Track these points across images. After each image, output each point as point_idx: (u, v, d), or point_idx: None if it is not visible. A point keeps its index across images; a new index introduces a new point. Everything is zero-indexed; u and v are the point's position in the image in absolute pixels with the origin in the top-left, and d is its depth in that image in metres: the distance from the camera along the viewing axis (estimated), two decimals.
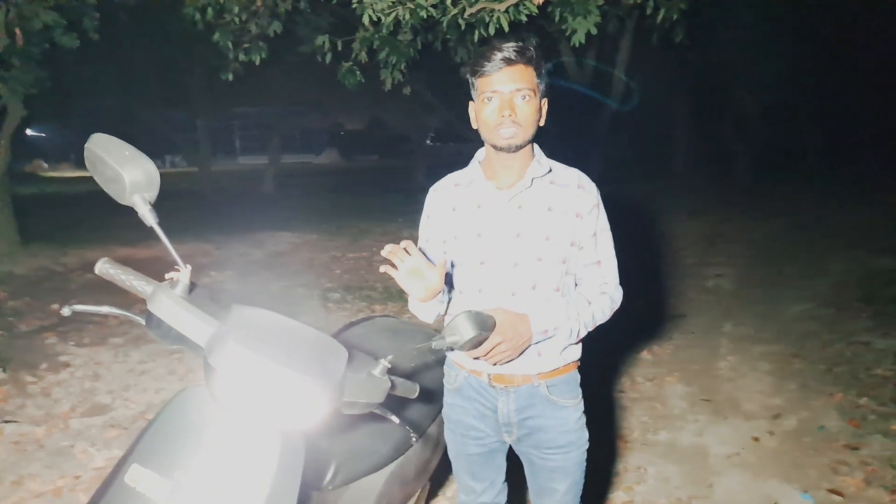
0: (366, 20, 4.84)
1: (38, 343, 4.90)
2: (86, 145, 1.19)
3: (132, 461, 1.13)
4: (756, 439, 3.35)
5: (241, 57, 6.26)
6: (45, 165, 30.28)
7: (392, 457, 1.79)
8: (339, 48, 6.84)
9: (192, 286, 1.24)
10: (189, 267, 1.23)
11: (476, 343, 1.37)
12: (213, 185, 16.63)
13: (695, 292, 6.42)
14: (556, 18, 5.40)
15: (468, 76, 1.55)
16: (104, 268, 1.29)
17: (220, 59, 6.54)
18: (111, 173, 1.17)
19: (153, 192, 1.21)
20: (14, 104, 8.03)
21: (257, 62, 6.29)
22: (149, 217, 1.21)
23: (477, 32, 4.97)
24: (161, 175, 1.25)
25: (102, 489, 1.16)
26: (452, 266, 1.67)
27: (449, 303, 1.70)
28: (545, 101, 1.57)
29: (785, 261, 7.52)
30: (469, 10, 4.70)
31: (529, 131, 1.52)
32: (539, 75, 1.52)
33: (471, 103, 1.59)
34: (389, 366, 1.25)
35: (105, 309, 1.30)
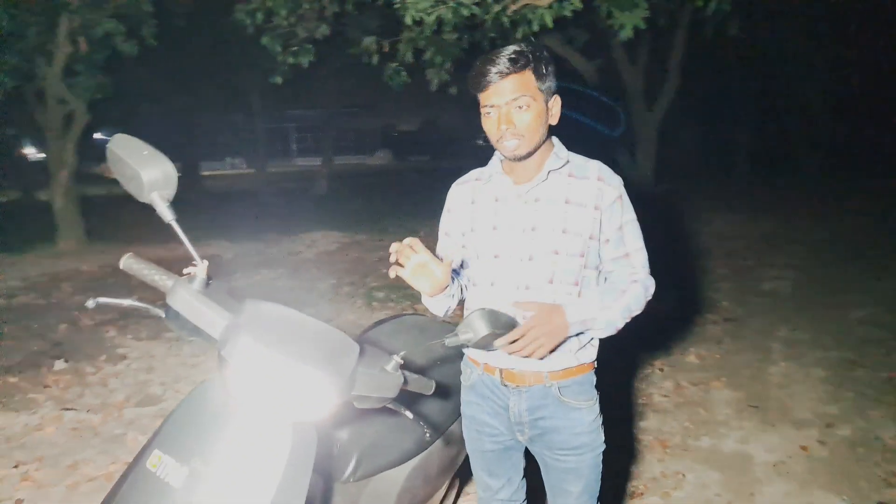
0: (408, 20, 4.88)
1: (98, 336, 5.15)
2: (108, 146, 1.24)
3: (154, 447, 1.18)
4: (805, 448, 3.21)
5: (290, 60, 6.39)
6: (112, 168, 31.77)
7: (413, 452, 1.80)
8: (386, 49, 6.93)
9: (209, 281, 1.28)
10: (206, 262, 1.27)
11: (489, 341, 1.36)
12: (269, 186, 17.09)
13: (750, 295, 6.19)
14: (603, 13, 5.34)
15: (471, 91, 1.54)
16: (129, 263, 1.35)
17: (271, 63, 6.70)
18: (130, 172, 1.22)
19: (170, 191, 1.25)
20: (79, 109, 8.45)
21: (305, 65, 6.42)
22: (166, 214, 1.26)
23: (521, 30, 4.93)
24: (220, 177, 1.30)
25: (126, 472, 1.22)
26: (462, 263, 1.68)
27: (463, 296, 1.70)
28: (555, 98, 1.54)
29: (850, 263, 7.18)
30: (512, 8, 4.68)
31: (534, 137, 1.50)
32: (540, 77, 1.49)
33: (481, 116, 1.57)
34: (402, 361, 1.27)
35: (127, 302, 1.37)
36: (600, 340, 1.66)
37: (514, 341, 1.39)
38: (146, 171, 1.21)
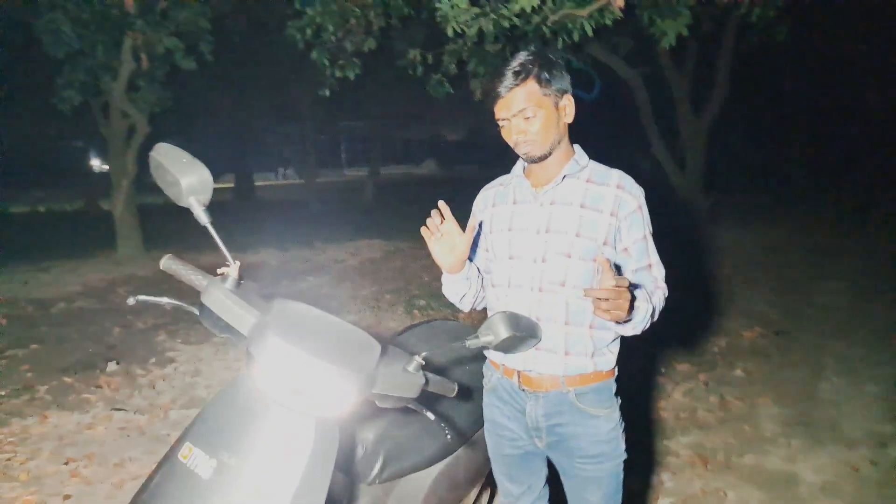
0: (450, 32, 4.93)
1: (150, 340, 5.35)
2: (150, 153, 1.32)
3: (186, 440, 1.23)
4: (856, 469, 3.08)
5: (338, 73, 6.54)
6: None
7: (439, 456, 1.82)
8: (430, 61, 7.01)
9: (240, 281, 1.35)
10: (238, 263, 1.34)
11: (510, 343, 1.36)
12: (319, 196, 17.44)
13: (803, 308, 5.98)
14: (645, 21, 5.28)
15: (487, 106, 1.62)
16: (168, 263, 1.43)
17: (320, 77, 6.87)
18: (170, 178, 1.29)
19: (207, 196, 1.32)
20: (140, 122, 8.84)
21: (352, 77, 6.55)
22: (203, 217, 1.32)
23: (561, 39, 4.92)
24: (272, 187, 1.38)
25: (160, 463, 1.28)
26: (471, 257, 1.72)
27: (479, 294, 1.75)
28: (566, 97, 1.58)
29: None
30: (552, 18, 4.67)
31: (547, 141, 1.56)
32: (543, 83, 1.53)
33: None
34: (423, 362, 1.30)
35: (164, 300, 1.44)
36: (621, 351, 1.65)
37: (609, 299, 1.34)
38: (185, 178, 1.28)
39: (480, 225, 1.73)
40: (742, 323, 5.32)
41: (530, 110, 1.52)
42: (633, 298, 1.40)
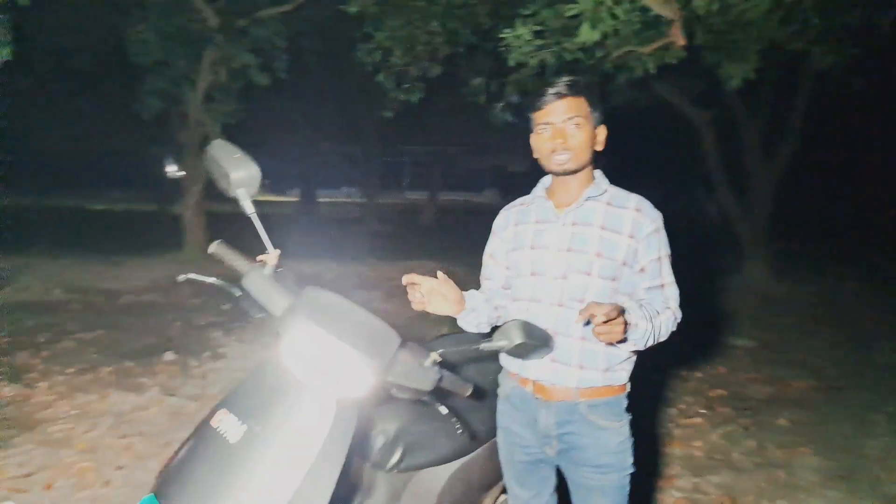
0: (511, 62, 5.08)
1: (205, 335, 5.63)
2: (206, 148, 1.49)
3: (221, 406, 1.37)
4: None
5: (402, 96, 6.79)
6: None
7: (455, 455, 1.91)
8: (493, 89, 7.19)
9: (278, 268, 1.49)
10: (278, 251, 1.48)
11: (522, 350, 1.43)
12: (378, 215, 17.85)
13: (862, 365, 5.73)
14: (712, 63, 5.30)
15: (526, 112, 1.70)
16: (217, 248, 1.58)
17: (387, 99, 7.15)
18: (222, 171, 1.45)
19: (254, 189, 1.47)
20: (214, 132, 9.34)
21: (415, 101, 6.79)
22: (248, 207, 1.47)
23: (623, 75, 5.00)
24: (335, 204, 1.53)
25: (193, 430, 1.42)
26: (506, 282, 1.82)
27: (492, 315, 1.84)
28: (602, 127, 1.69)
29: None
30: (615, 54, 4.76)
31: (583, 156, 1.65)
32: (592, 105, 1.65)
33: (531, 136, 1.71)
34: (439, 359, 1.40)
35: (211, 279, 1.60)
36: (636, 366, 1.70)
37: (604, 322, 1.41)
38: (234, 172, 1.44)
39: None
40: (793, 373, 5.17)
41: (579, 120, 1.61)
42: (626, 323, 1.47)
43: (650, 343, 1.58)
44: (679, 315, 1.64)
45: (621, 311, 1.43)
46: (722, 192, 9.72)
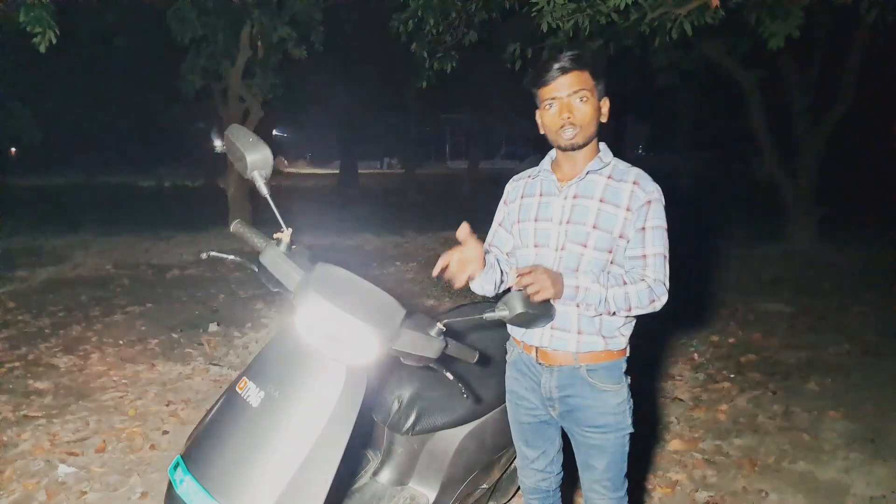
0: (544, 27, 4.97)
1: (249, 307, 5.80)
2: (225, 132, 1.56)
3: (244, 375, 1.47)
4: None
5: (436, 66, 6.73)
6: (286, 162, 35.01)
7: (467, 418, 2.01)
8: (530, 55, 7.05)
9: (292, 245, 1.56)
10: (290, 229, 1.55)
11: (523, 319, 1.51)
12: (418, 187, 17.89)
13: None
14: (753, 21, 5.09)
15: (531, 88, 1.69)
16: (237, 227, 1.66)
17: (417, 69, 7.09)
18: (238, 154, 1.52)
19: (268, 171, 1.54)
20: (254, 107, 9.46)
21: (448, 70, 6.72)
22: (263, 188, 1.54)
23: (658, 38, 4.85)
24: (376, 175, 1.58)
25: (221, 395, 1.52)
26: (496, 244, 1.87)
27: (500, 279, 1.83)
28: (605, 100, 1.69)
29: None
30: (651, 15, 4.61)
31: (590, 129, 1.66)
32: (596, 78, 1.65)
33: (537, 111, 1.71)
34: (444, 328, 1.47)
35: (231, 257, 1.68)
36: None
37: (525, 276, 1.52)
38: (250, 155, 1.50)
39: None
40: (829, 338, 5.02)
41: (584, 93, 1.62)
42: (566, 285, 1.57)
43: (612, 308, 1.60)
44: (659, 291, 1.62)
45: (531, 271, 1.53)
46: (768, 154, 9.39)
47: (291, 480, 1.31)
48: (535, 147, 35.55)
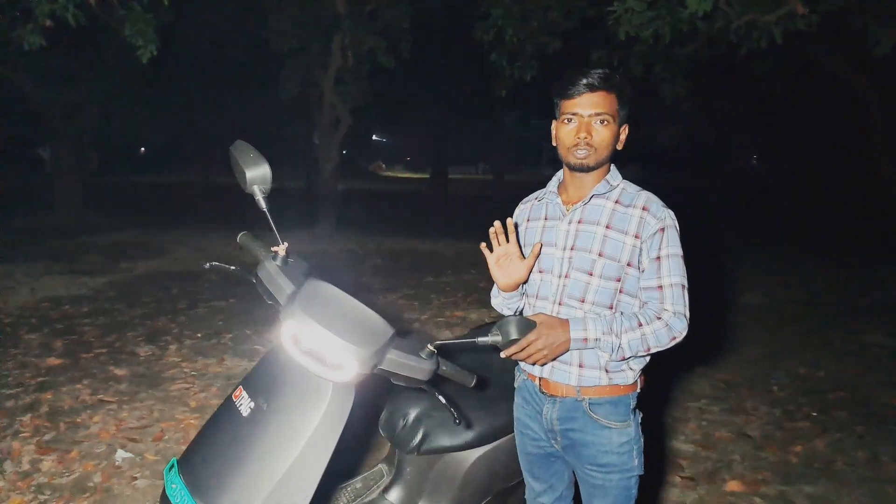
0: (622, 36, 4.82)
1: None
2: (230, 148, 1.60)
3: (240, 384, 1.52)
4: None
5: (516, 74, 6.70)
6: (384, 166, 36.11)
7: (478, 442, 1.94)
8: (616, 63, 6.88)
9: (289, 259, 1.59)
10: (286, 244, 1.58)
11: (520, 346, 1.46)
12: (508, 193, 17.80)
13: None
14: (858, 26, 4.70)
15: (553, 97, 1.61)
16: (243, 239, 1.71)
17: (497, 77, 7.11)
18: (239, 169, 1.56)
19: (267, 186, 1.56)
20: (344, 114, 9.79)
21: (527, 79, 6.67)
22: (262, 203, 1.57)
23: (745, 46, 4.57)
24: (466, 181, 1.62)
25: (224, 399, 1.57)
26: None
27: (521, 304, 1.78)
28: (625, 127, 1.60)
29: None
30: (736, 22, 4.36)
31: (603, 154, 1.56)
32: (621, 102, 1.55)
33: (554, 122, 1.64)
34: (435, 350, 1.45)
35: (232, 268, 1.74)
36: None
37: (520, 350, 1.47)
38: (250, 170, 1.54)
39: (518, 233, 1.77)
40: None
41: (606, 117, 1.54)
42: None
43: (628, 354, 1.51)
44: (676, 324, 1.52)
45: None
46: (886, 165, 8.63)
47: (271, 493, 1.34)
48: (636, 155, 34.54)
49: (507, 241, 1.60)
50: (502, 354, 1.48)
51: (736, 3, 4.06)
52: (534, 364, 1.55)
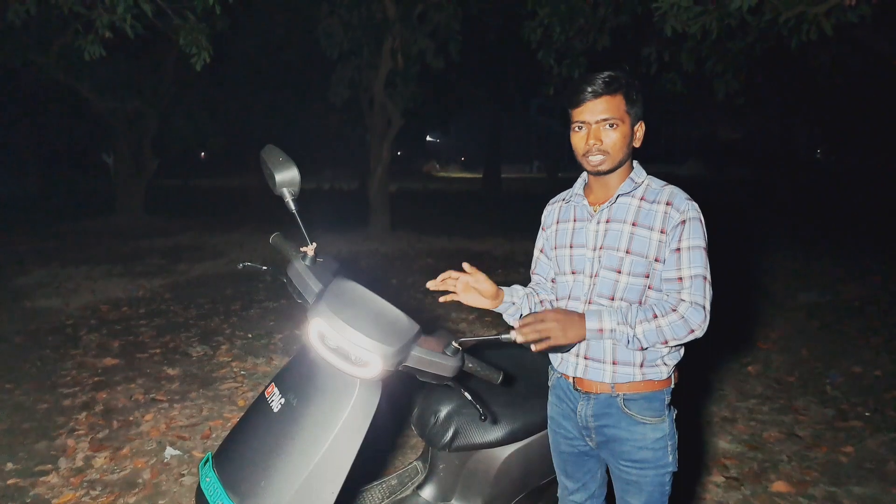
0: (668, 32, 4.70)
1: None
2: (260, 152, 1.68)
3: (272, 381, 1.59)
4: None
5: (564, 72, 6.62)
6: (437, 166, 36.32)
7: (511, 439, 1.95)
8: (667, 59, 6.72)
9: (317, 259, 1.67)
10: (314, 244, 1.66)
11: (530, 321, 1.48)
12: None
13: None
14: None
15: (565, 106, 1.64)
16: (275, 240, 1.81)
17: (545, 76, 7.04)
18: (269, 172, 1.64)
19: (295, 189, 1.65)
20: (394, 116, 9.89)
21: (575, 76, 6.58)
22: (291, 205, 1.65)
23: (795, 38, 4.38)
24: (519, 179, 1.69)
25: (257, 396, 1.65)
26: (538, 272, 1.85)
27: (538, 308, 1.81)
28: (641, 124, 1.62)
29: None
30: (785, 14, 4.19)
31: (618, 156, 1.59)
32: (630, 102, 1.57)
33: (571, 131, 1.65)
34: (459, 347, 1.48)
35: (264, 268, 1.83)
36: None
37: (534, 331, 1.47)
38: (279, 174, 1.62)
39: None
40: None
41: (614, 121, 1.56)
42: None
43: (646, 345, 1.52)
44: (693, 316, 1.50)
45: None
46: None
47: (300, 486, 1.39)
48: (690, 150, 33.53)
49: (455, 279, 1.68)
50: (518, 340, 1.49)
51: None
52: (542, 348, 1.52)
